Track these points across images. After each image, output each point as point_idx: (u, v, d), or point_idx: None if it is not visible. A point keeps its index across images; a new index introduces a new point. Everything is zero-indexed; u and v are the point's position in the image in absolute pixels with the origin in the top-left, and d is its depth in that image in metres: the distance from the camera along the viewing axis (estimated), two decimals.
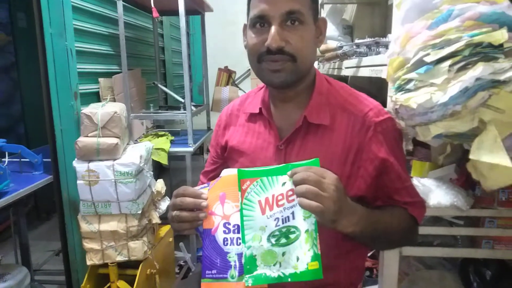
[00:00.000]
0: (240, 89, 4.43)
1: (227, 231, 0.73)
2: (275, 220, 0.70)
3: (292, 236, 0.69)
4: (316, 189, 0.66)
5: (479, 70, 0.75)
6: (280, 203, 0.70)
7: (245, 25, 0.91)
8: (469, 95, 0.77)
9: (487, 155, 0.72)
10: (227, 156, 1.03)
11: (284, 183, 0.70)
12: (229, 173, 0.76)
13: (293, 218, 0.69)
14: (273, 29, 0.80)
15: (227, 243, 0.73)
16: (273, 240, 0.70)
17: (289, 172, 0.70)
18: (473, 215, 1.11)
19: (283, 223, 0.70)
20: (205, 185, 0.83)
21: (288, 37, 0.80)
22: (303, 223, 0.69)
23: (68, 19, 1.83)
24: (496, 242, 1.13)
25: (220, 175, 0.79)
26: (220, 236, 0.74)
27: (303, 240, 0.68)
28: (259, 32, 0.83)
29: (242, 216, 0.71)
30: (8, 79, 3.60)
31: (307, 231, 0.69)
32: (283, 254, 0.69)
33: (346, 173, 0.87)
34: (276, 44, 0.79)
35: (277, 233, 0.70)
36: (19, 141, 3.64)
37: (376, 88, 2.43)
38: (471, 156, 0.74)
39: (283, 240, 0.70)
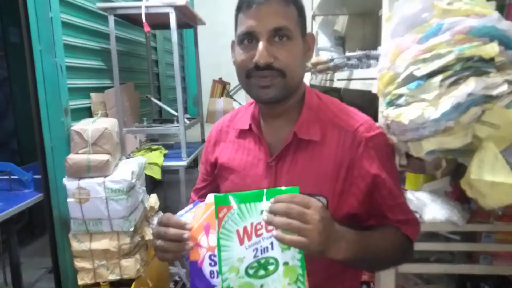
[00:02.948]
0: (234, 100, 4.43)
1: (213, 264, 0.70)
2: (253, 250, 0.67)
3: (270, 267, 0.66)
4: (299, 223, 0.63)
5: (471, 85, 0.73)
6: (259, 232, 0.67)
7: (233, 41, 0.90)
8: (462, 110, 0.75)
9: (490, 174, 0.70)
10: (217, 173, 1.01)
11: (262, 211, 0.67)
12: (214, 200, 0.73)
13: (272, 248, 0.66)
14: (260, 45, 0.78)
15: (213, 276, 0.70)
16: (251, 272, 0.67)
17: (272, 200, 0.67)
18: (470, 230, 1.08)
19: (261, 254, 0.67)
20: (191, 206, 0.80)
21: (276, 53, 0.79)
22: (281, 254, 0.66)
23: (58, 35, 1.82)
24: (494, 257, 1.10)
25: (205, 201, 0.76)
26: (206, 268, 0.71)
27: (281, 272, 0.66)
28: (247, 48, 0.82)
29: (219, 246, 0.68)
30: (0, 94, 3.57)
31: (286, 263, 0.66)
32: (261, 286, 0.67)
33: (338, 190, 0.85)
34: (264, 60, 0.78)
35: (255, 264, 0.67)
36: (12, 156, 3.60)
37: (369, 99, 2.43)
38: (472, 176, 0.72)
39: (262, 272, 0.66)
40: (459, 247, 1.12)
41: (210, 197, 0.76)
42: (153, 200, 2.11)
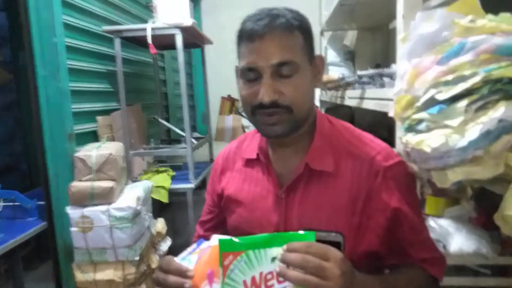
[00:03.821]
0: (243, 117, 4.38)
1: None
2: None
3: None
4: (317, 279, 0.56)
5: (501, 110, 0.66)
6: (269, 283, 0.59)
7: (237, 67, 0.84)
8: (492, 138, 0.68)
9: None
10: (224, 206, 0.95)
11: (273, 258, 0.60)
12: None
13: None
14: (264, 83, 0.73)
15: None
16: None
17: (284, 247, 0.59)
18: (502, 263, 0.99)
19: None
20: (194, 246, 0.73)
21: (281, 88, 0.73)
22: None
23: (62, 60, 1.80)
24: None
25: (209, 242, 0.69)
26: None
27: None
28: (250, 83, 0.76)
29: None
30: (10, 117, 3.59)
31: None
32: None
33: (355, 225, 0.78)
34: (269, 98, 0.73)
35: None
36: (23, 179, 3.60)
37: (382, 116, 2.35)
38: (506, 212, 0.64)
39: None
40: (490, 282, 1.02)
41: (215, 239, 0.69)
42: (160, 225, 2.05)
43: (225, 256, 0.61)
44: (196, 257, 0.69)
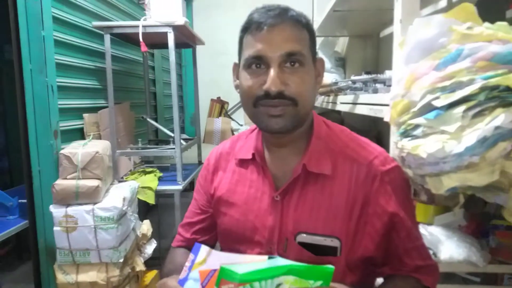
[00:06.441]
0: (233, 119, 4.36)
1: None
2: None
3: None
4: None
5: (500, 117, 0.66)
6: None
7: (235, 64, 0.83)
8: (488, 145, 0.68)
9: None
10: (214, 207, 0.92)
11: (279, 285, 0.56)
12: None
13: None
14: (272, 71, 0.72)
15: None
16: None
17: None
18: (491, 272, 0.99)
19: None
20: (192, 258, 0.66)
21: (288, 80, 0.72)
22: None
23: (50, 54, 1.75)
24: None
25: (213, 264, 0.64)
26: None
27: None
28: (255, 73, 0.75)
29: None
30: None
31: None
32: None
33: (352, 229, 0.76)
34: (276, 88, 0.71)
35: None
36: (2, 176, 3.49)
37: (371, 122, 2.36)
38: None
39: None
40: None
41: (216, 258, 0.63)
42: (146, 227, 2.00)
43: (224, 283, 0.56)
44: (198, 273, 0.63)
